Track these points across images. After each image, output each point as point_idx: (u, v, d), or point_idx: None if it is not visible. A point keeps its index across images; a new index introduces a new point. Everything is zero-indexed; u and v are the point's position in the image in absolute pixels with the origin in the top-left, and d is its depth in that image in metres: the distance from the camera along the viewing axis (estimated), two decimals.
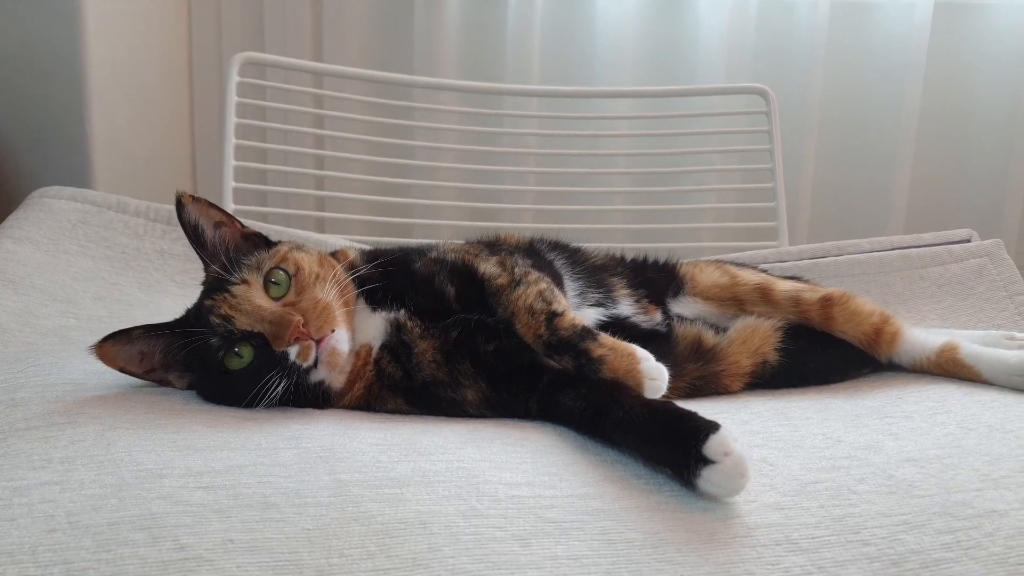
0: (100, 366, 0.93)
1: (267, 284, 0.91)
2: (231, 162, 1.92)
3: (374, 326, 0.96)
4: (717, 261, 1.32)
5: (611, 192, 2.26)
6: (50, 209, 1.63)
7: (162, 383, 0.94)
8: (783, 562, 0.62)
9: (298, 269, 0.93)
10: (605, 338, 0.91)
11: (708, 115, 2.18)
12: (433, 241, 1.18)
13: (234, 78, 1.96)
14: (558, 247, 1.22)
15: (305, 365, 0.87)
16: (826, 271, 1.64)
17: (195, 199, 0.94)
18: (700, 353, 1.10)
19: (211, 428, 0.81)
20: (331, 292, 0.92)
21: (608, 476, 0.74)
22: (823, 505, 0.68)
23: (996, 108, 2.34)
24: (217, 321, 0.88)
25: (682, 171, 2.21)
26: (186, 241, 1.69)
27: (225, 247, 0.95)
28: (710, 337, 1.12)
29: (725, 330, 1.15)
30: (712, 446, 0.68)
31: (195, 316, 0.92)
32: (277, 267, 0.92)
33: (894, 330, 1.12)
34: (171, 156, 2.39)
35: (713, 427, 0.69)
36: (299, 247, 0.99)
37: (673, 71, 2.32)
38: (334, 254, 1.03)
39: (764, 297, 1.17)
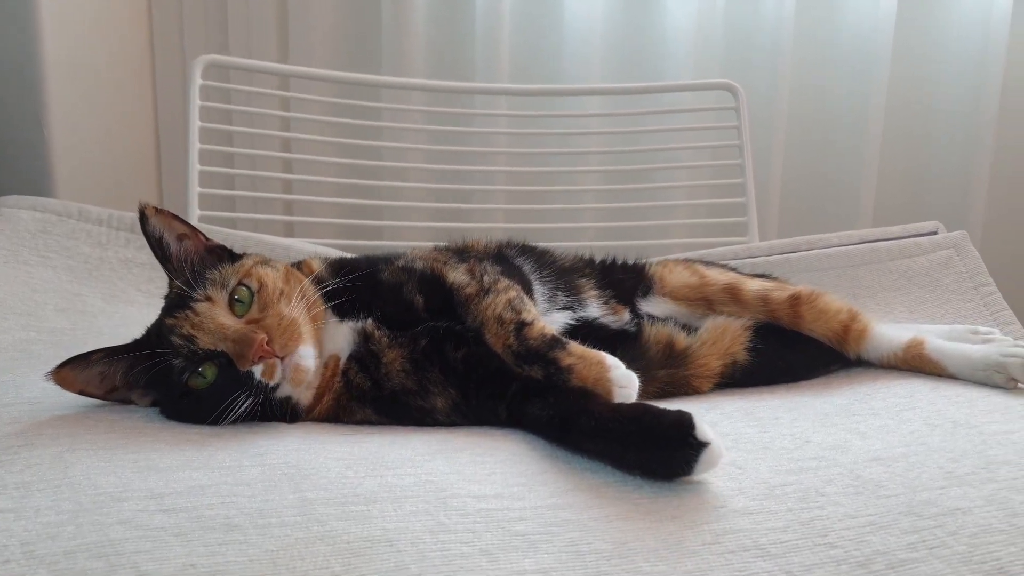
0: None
1: (231, 301, 0.89)
2: (196, 167, 1.88)
3: (342, 336, 0.95)
4: (686, 260, 1.32)
5: (582, 191, 2.26)
6: (8, 219, 1.59)
7: (124, 402, 0.92)
8: (751, 568, 0.62)
9: (261, 285, 0.91)
10: (574, 347, 0.90)
11: (678, 111, 2.18)
12: (400, 248, 1.17)
13: (197, 81, 1.92)
14: (526, 251, 1.22)
15: (271, 384, 0.86)
16: (797, 266, 1.64)
17: (158, 211, 0.92)
18: (671, 356, 1.10)
19: (174, 447, 0.80)
20: (297, 308, 0.90)
21: (578, 485, 0.74)
22: (791, 508, 0.68)
23: (961, 101, 2.36)
24: (179, 342, 0.85)
25: (652, 168, 2.21)
26: (151, 250, 1.71)
27: (190, 261, 0.93)
28: (682, 338, 1.12)
29: (695, 330, 1.15)
30: (702, 429, 0.71)
31: (156, 335, 0.89)
32: (241, 283, 0.90)
33: (861, 327, 1.12)
34: (134, 162, 2.35)
35: (688, 414, 0.72)
36: (265, 261, 0.97)
37: (642, 68, 2.32)
38: (298, 265, 1.02)
39: (733, 297, 1.18)
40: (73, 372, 0.87)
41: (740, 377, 1.12)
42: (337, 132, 2.18)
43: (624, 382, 0.87)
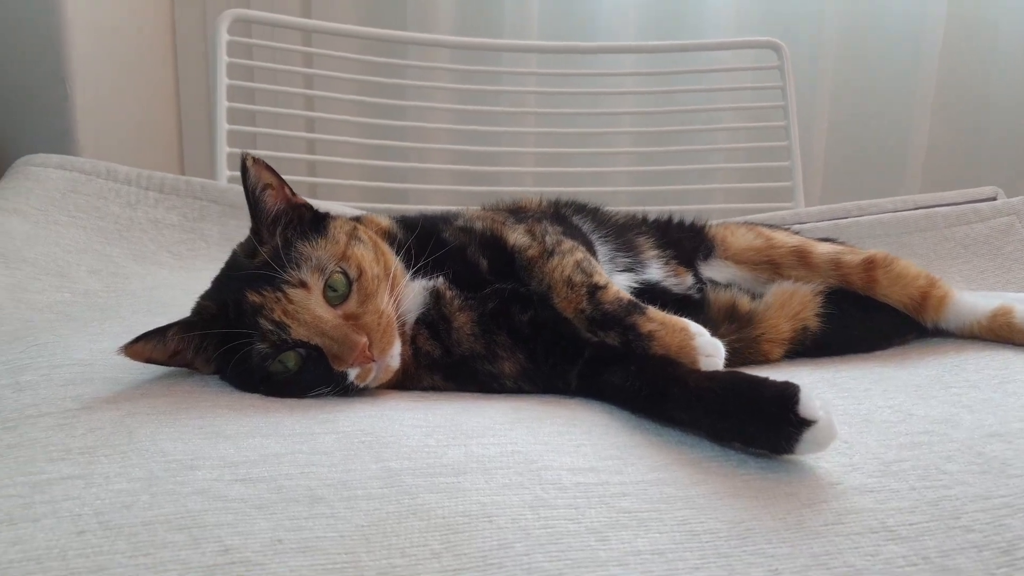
0: (106, 344, 0.87)
1: (325, 287, 0.82)
2: (224, 126, 1.83)
3: (411, 297, 0.89)
4: (748, 223, 1.26)
5: (615, 153, 2.20)
6: (37, 178, 1.54)
7: (186, 366, 0.86)
8: (883, 552, 0.57)
9: (361, 272, 0.83)
10: (654, 312, 0.85)
11: (717, 71, 2.11)
12: (455, 208, 1.11)
13: (224, 37, 1.86)
14: (580, 208, 1.16)
15: (362, 385, 0.81)
16: (846, 232, 1.59)
17: (256, 161, 0.84)
18: (735, 317, 1.05)
19: (238, 413, 0.75)
20: (389, 299, 0.84)
21: (676, 459, 0.69)
22: (914, 487, 0.63)
23: (1019, 63, 2.28)
24: (268, 327, 0.78)
25: (690, 130, 2.14)
26: (181, 210, 1.66)
27: (278, 220, 0.86)
28: (745, 302, 1.07)
29: (759, 296, 1.10)
30: (807, 405, 0.64)
31: (236, 311, 0.80)
32: (338, 268, 0.83)
33: (942, 294, 1.07)
34: (157, 120, 2.29)
35: (794, 386, 0.66)
36: (355, 234, 0.88)
37: (679, 25, 2.24)
38: (358, 219, 0.96)
39: (802, 260, 1.12)
40: (146, 346, 0.80)
41: (810, 346, 1.07)
42: (361, 90, 2.11)
43: (710, 350, 0.82)
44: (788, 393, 0.66)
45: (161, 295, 1.31)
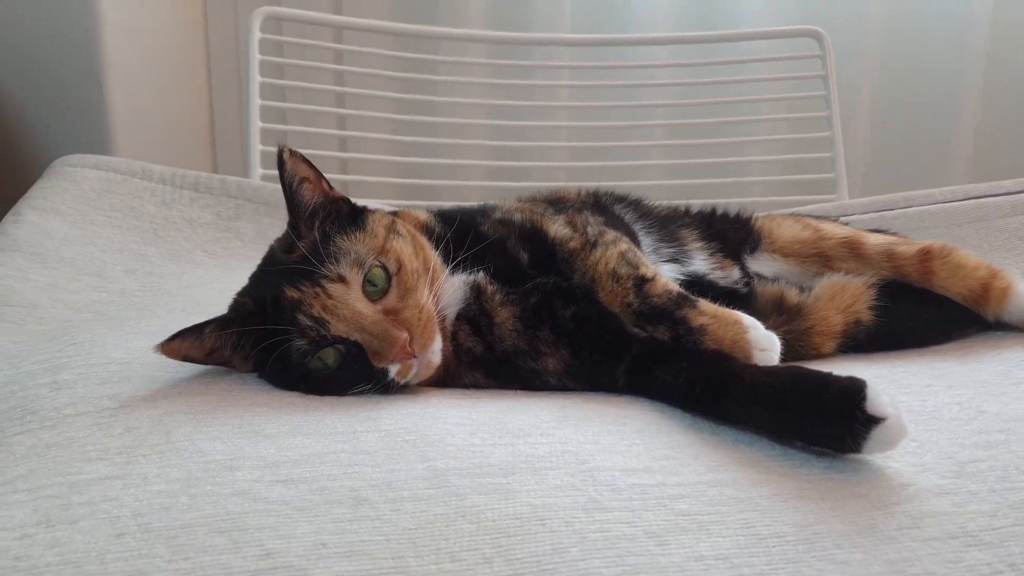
0: (143, 343, 0.85)
1: (364, 282, 0.79)
2: (257, 124, 1.82)
3: (451, 292, 0.86)
4: (794, 215, 1.22)
5: (649, 146, 2.16)
6: (74, 178, 1.54)
7: (223, 365, 0.84)
8: (965, 558, 0.53)
9: (400, 267, 0.81)
10: (705, 305, 0.82)
11: (756, 61, 2.06)
12: (492, 202, 1.09)
13: (256, 34, 1.85)
14: (620, 198, 1.13)
15: (403, 382, 0.79)
16: (893, 224, 1.53)
17: (293, 153, 0.82)
18: (783, 309, 1.01)
19: (277, 411, 0.73)
20: (428, 293, 0.81)
21: (734, 458, 0.65)
22: (994, 489, 0.60)
23: None
24: (307, 323, 0.76)
25: (727, 122, 2.10)
26: (216, 209, 1.65)
27: (316, 214, 0.83)
28: (794, 294, 1.03)
29: (809, 289, 1.06)
30: (875, 401, 0.60)
31: (274, 307, 0.78)
32: (377, 262, 0.80)
33: (1004, 285, 1.02)
34: (190, 120, 2.29)
35: (861, 382, 0.62)
36: (394, 228, 0.86)
37: (714, 15, 2.20)
38: (396, 214, 0.94)
39: (853, 252, 1.08)
40: (182, 344, 0.78)
41: (863, 340, 1.03)
42: (393, 87, 2.09)
43: (765, 344, 0.78)
44: (854, 388, 0.62)
45: (197, 294, 1.30)
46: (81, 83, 1.83)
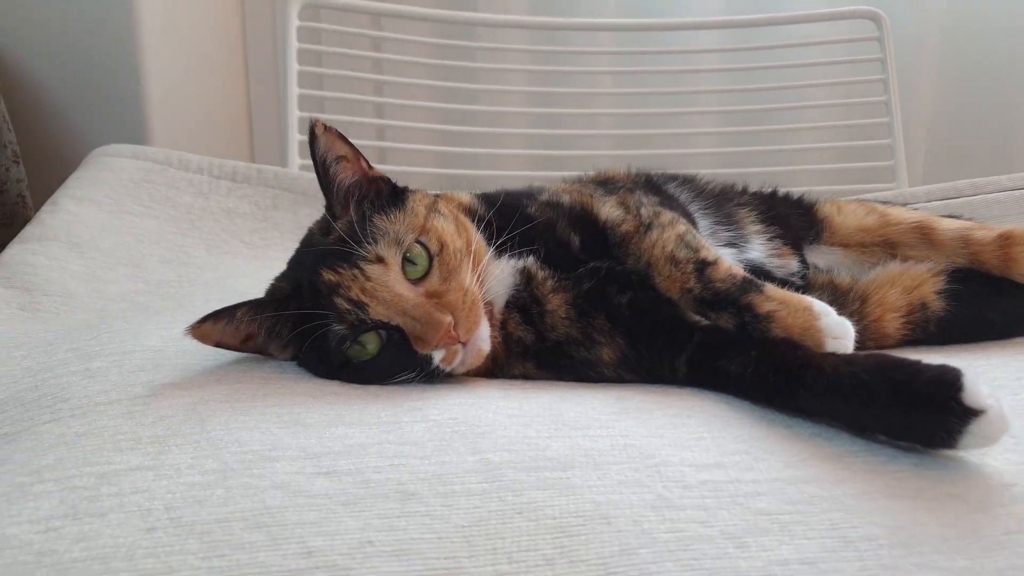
0: (178, 332, 0.81)
1: (404, 261, 0.75)
2: (295, 113, 1.79)
3: (499, 278, 0.81)
4: (859, 200, 1.15)
5: (696, 135, 2.09)
6: (111, 168, 1.52)
7: (259, 353, 0.80)
8: None
9: (442, 246, 0.77)
10: (772, 290, 0.76)
11: (810, 45, 1.97)
12: (537, 184, 1.04)
13: (294, 23, 1.82)
14: (673, 177, 1.07)
15: (448, 369, 0.74)
16: (957, 213, 1.46)
17: (327, 129, 0.78)
18: (835, 295, 0.94)
19: (318, 400, 0.69)
20: (472, 276, 0.77)
21: (813, 453, 0.60)
22: None
23: None
24: (345, 306, 0.72)
25: (778, 108, 2.02)
26: (253, 199, 1.62)
27: (354, 194, 0.79)
28: (846, 279, 0.97)
29: (863, 277, 0.99)
30: (973, 392, 0.54)
31: (311, 291, 0.75)
32: (418, 241, 0.76)
33: None
34: (227, 109, 2.27)
35: (955, 370, 0.56)
36: (435, 207, 0.82)
37: None
38: (437, 196, 0.89)
39: (924, 238, 1.01)
40: (215, 327, 0.74)
41: (934, 331, 0.95)
42: (432, 75, 2.05)
43: (838, 332, 0.72)
44: (949, 377, 0.56)
45: (234, 285, 1.27)
46: (118, 73, 1.81)
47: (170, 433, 0.61)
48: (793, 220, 1.05)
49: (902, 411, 0.59)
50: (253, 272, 1.34)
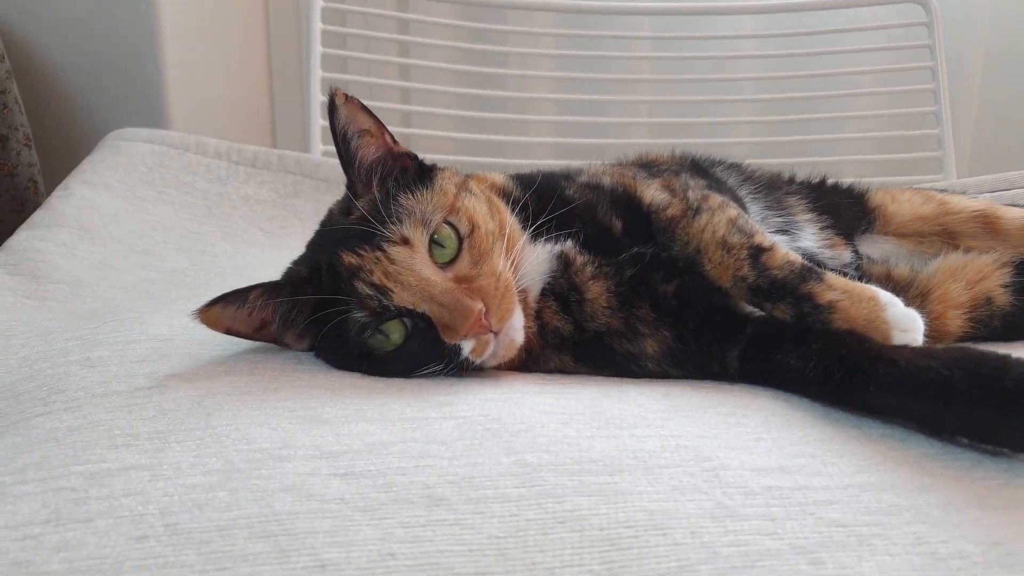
0: (188, 320, 0.76)
1: (431, 243, 0.69)
2: (318, 96, 1.73)
3: (535, 263, 0.75)
4: (914, 188, 1.08)
5: (736, 123, 2.01)
6: (126, 152, 1.48)
7: (273, 342, 0.75)
8: None
9: (473, 227, 0.71)
10: (833, 278, 0.70)
11: (855, 30, 1.89)
12: (576, 164, 0.97)
13: (318, 3, 1.77)
14: (719, 162, 1.01)
15: (478, 362, 0.68)
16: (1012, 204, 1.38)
17: (348, 99, 0.72)
18: (894, 290, 0.88)
19: (336, 394, 0.63)
20: (506, 260, 0.71)
21: (887, 457, 0.53)
22: None
23: None
24: (367, 291, 0.66)
25: (821, 96, 1.93)
26: (273, 185, 1.56)
27: (377, 170, 0.73)
28: (904, 269, 0.90)
29: (922, 268, 0.92)
30: None
31: (330, 274, 0.69)
32: (446, 222, 0.70)
33: None
34: (249, 93, 2.23)
35: None
36: (466, 186, 0.76)
37: None
38: (469, 177, 0.83)
39: (987, 227, 0.94)
40: (225, 311, 0.69)
41: (999, 327, 0.88)
42: (459, 58, 1.99)
43: (906, 323, 0.66)
44: None
45: (252, 274, 1.20)
46: (136, 56, 1.77)
47: (171, 428, 0.55)
48: (844, 209, 0.99)
49: (989, 411, 0.53)
50: (271, 261, 1.28)
